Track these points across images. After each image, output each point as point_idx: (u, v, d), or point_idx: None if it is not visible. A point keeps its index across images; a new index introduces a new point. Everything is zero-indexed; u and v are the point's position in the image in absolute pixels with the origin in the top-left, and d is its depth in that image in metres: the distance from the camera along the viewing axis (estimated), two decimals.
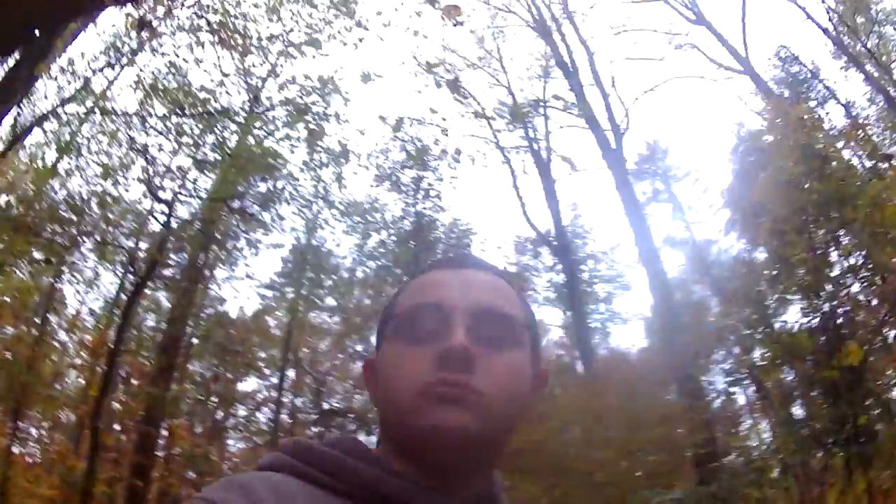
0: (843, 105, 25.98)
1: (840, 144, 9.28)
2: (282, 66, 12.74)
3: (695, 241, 31.47)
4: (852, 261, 10.31)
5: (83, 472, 13.31)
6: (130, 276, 17.03)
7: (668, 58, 28.13)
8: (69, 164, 14.12)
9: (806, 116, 10.51)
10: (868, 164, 8.92)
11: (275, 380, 26.49)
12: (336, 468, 1.12)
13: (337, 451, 1.16)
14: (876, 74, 22.94)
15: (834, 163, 8.86)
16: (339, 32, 11.84)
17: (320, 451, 1.16)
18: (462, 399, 1.10)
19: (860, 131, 9.16)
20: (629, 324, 36.64)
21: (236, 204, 14.45)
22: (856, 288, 9.94)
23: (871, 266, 8.97)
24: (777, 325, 10.75)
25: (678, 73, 38.57)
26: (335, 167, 12.95)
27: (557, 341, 32.23)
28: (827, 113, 26.96)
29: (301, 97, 11.41)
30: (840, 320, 9.06)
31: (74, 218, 13.44)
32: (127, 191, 14.06)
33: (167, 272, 16.09)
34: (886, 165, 8.49)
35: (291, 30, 12.45)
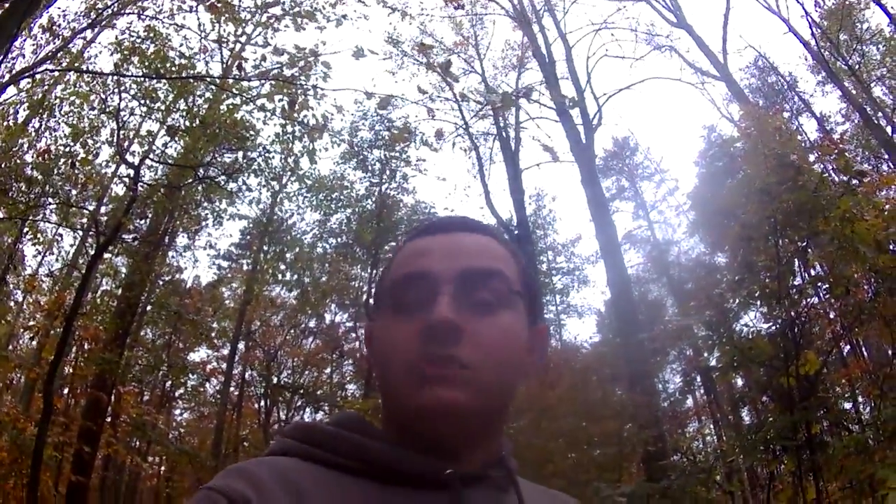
0: (816, 118, 26.33)
1: (813, 157, 9.42)
2: (264, 36, 12.61)
3: (656, 240, 31.83)
4: (816, 272, 10.51)
5: (34, 436, 13.20)
6: (90, 240, 16.88)
7: (645, 58, 28.27)
8: (40, 123, 13.96)
9: (782, 126, 10.64)
10: (841, 178, 9.03)
11: (225, 351, 26.42)
12: (339, 445, 1.13)
13: (338, 428, 1.16)
14: (854, 91, 23.22)
15: (807, 175, 8.97)
16: (323, 7, 11.75)
17: (322, 430, 1.17)
18: (449, 377, 1.08)
19: (834, 146, 9.23)
20: (584, 318, 37.04)
21: (203, 172, 14.30)
22: (816, 300, 10.11)
23: (833, 279, 9.11)
24: (736, 329, 10.89)
25: (655, 74, 38.87)
26: (308, 141, 12.85)
27: None
28: (800, 125, 27.37)
29: (281, 68, 11.28)
30: (798, 329, 9.17)
31: (41, 177, 13.28)
32: (96, 156, 13.92)
33: (128, 237, 15.88)
34: (857, 182, 8.60)
35: (275, 1, 12.31)
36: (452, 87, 20.54)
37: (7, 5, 5.42)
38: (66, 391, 18.43)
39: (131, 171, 12.72)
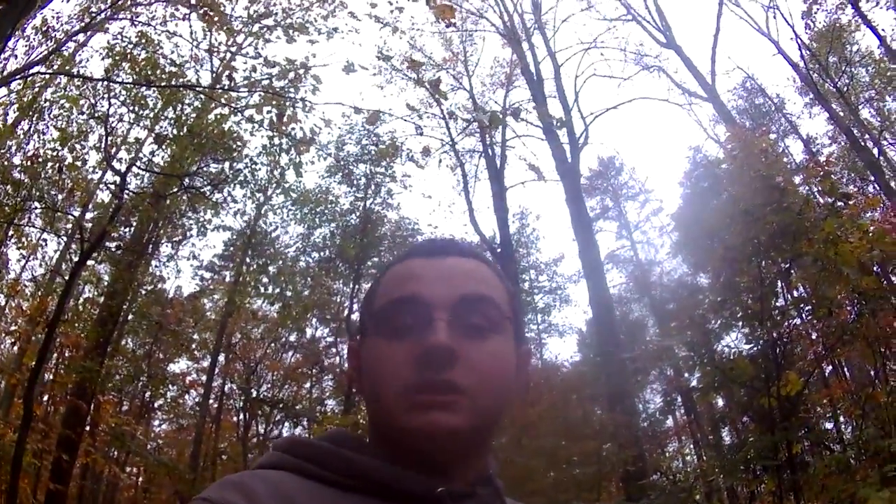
0: (802, 140, 26.51)
1: (799, 179, 9.47)
2: (255, 46, 12.61)
3: (639, 261, 31.92)
4: (798, 294, 10.58)
5: (13, 442, 13.07)
6: (73, 246, 16.78)
7: (634, 78, 28.45)
8: (29, 126, 13.90)
9: (768, 148, 10.72)
10: (826, 200, 9.11)
11: (205, 363, 26.28)
12: (332, 461, 1.13)
13: (332, 444, 1.17)
14: (842, 113, 23.40)
15: (792, 197, 9.05)
16: (314, 20, 11.79)
17: (315, 445, 1.18)
18: (446, 402, 1.10)
19: (820, 168, 9.32)
20: (565, 337, 37.04)
21: (189, 181, 14.26)
22: (798, 321, 10.18)
23: (815, 300, 9.17)
24: (717, 350, 10.95)
25: (643, 94, 39.07)
26: (295, 154, 12.85)
27: None
28: (786, 147, 27.54)
29: (271, 79, 11.28)
30: (780, 350, 9.23)
31: (27, 181, 13.21)
32: (84, 162, 13.88)
33: (112, 245, 15.81)
34: (843, 204, 8.68)
35: (267, 13, 12.34)
36: (441, 104, 20.63)
37: (2, 7, 5.41)
38: (45, 398, 18.27)
39: (117, 178, 12.68)
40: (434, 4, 8.73)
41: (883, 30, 22.09)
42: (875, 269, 8.89)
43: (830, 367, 14.31)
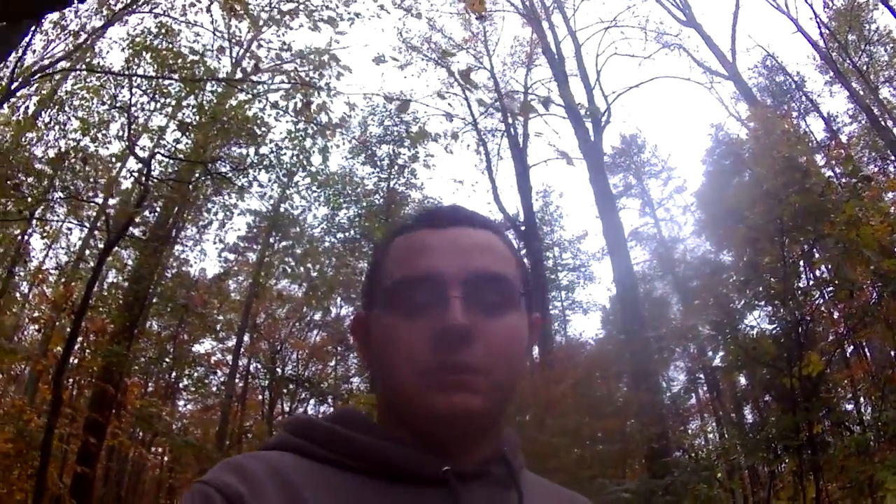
0: (823, 119, 26.32)
1: (821, 159, 9.47)
2: (279, 35, 12.63)
3: (662, 238, 31.78)
4: (821, 274, 10.58)
5: (40, 428, 13.28)
6: (96, 233, 16.95)
7: (654, 56, 28.25)
8: (50, 118, 14.04)
9: (790, 129, 10.71)
10: (847, 181, 9.09)
11: (230, 343, 26.48)
12: (335, 441, 1.14)
13: (335, 424, 1.17)
14: (862, 92, 23.22)
15: (814, 178, 9.04)
16: (336, 6, 11.82)
17: (319, 425, 1.18)
18: (462, 382, 1.09)
19: (842, 150, 9.32)
20: (589, 314, 37.00)
21: (214, 167, 14.38)
22: (821, 301, 10.19)
23: (837, 282, 9.18)
24: (741, 329, 10.96)
25: (664, 72, 38.78)
26: (321, 140, 12.93)
27: None
28: (807, 125, 27.34)
29: (296, 68, 11.36)
30: (802, 330, 9.24)
31: (50, 171, 13.36)
32: (107, 149, 14.00)
33: (137, 231, 15.97)
34: (863, 186, 8.68)
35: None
36: (468, 94, 20.66)
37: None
38: (70, 382, 18.52)
39: (141, 166, 12.81)
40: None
41: None
42: None
43: (852, 348, 14.29)
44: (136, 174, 14.07)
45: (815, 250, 9.39)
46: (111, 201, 16.29)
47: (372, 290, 1.26)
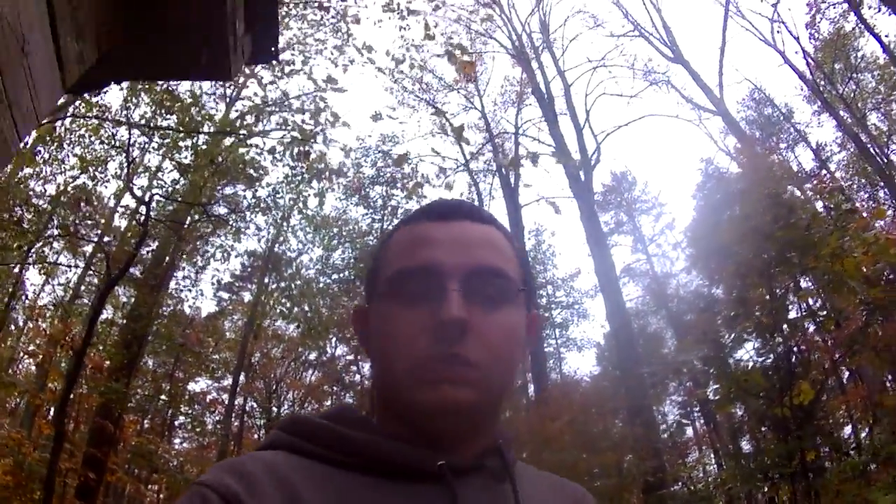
0: (812, 149, 26.61)
1: (810, 188, 9.68)
2: (274, 78, 12.88)
3: (654, 273, 31.92)
4: (811, 305, 10.77)
5: (37, 460, 13.38)
6: (93, 268, 17.10)
7: (643, 94, 28.63)
8: (49, 155, 14.22)
9: (776, 163, 10.98)
10: (833, 214, 9.33)
11: (226, 382, 26.56)
12: (329, 439, 1.14)
13: (330, 421, 1.18)
14: (849, 121, 23.51)
15: (800, 212, 9.26)
16: (331, 53, 12.07)
17: (312, 423, 1.19)
18: (457, 376, 1.10)
19: (825, 185, 9.58)
20: (583, 351, 37.00)
21: (211, 208, 14.57)
22: (812, 329, 10.37)
23: (825, 312, 9.38)
24: (732, 363, 11.12)
25: (653, 109, 39.15)
26: (318, 185, 13.14)
27: None
28: (796, 156, 27.59)
29: (293, 116, 11.60)
30: (795, 360, 9.44)
31: (48, 207, 13.53)
32: (105, 187, 14.20)
33: (134, 269, 16.14)
34: (848, 219, 8.92)
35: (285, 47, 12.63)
36: (464, 147, 20.92)
37: None
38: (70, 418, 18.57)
39: (138, 205, 12.99)
40: (456, 62, 9.03)
41: (886, 35, 22.20)
42: (889, 275, 9.09)
43: (848, 374, 14.43)
44: (135, 215, 14.25)
45: (802, 282, 9.59)
46: (106, 238, 16.50)
47: (373, 281, 1.28)
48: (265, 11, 2.77)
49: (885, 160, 22.27)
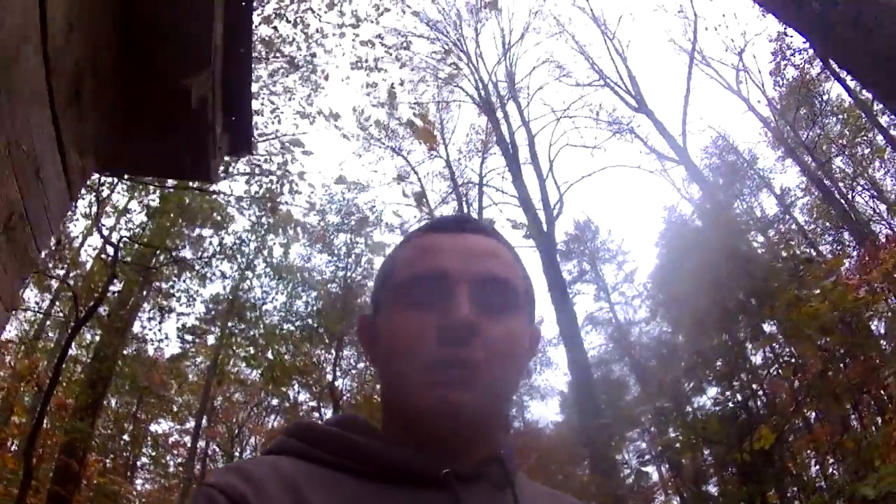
0: (775, 195, 26.88)
1: (763, 249, 9.88)
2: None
3: (618, 321, 32.04)
4: (771, 351, 10.97)
5: (13, 498, 13.20)
6: (58, 303, 16.99)
7: (606, 144, 28.93)
8: None
9: (735, 215, 11.25)
10: (790, 264, 9.56)
11: (189, 425, 26.33)
12: (336, 444, 1.15)
13: (337, 427, 1.19)
14: (813, 166, 23.78)
15: (757, 263, 9.48)
16: (300, 105, 12.24)
17: (318, 428, 1.20)
18: (460, 378, 1.10)
19: (782, 238, 9.85)
20: (546, 400, 36.82)
21: (178, 252, 14.61)
22: (775, 373, 10.53)
23: (788, 356, 9.57)
24: (692, 410, 11.26)
25: (616, 158, 39.49)
26: (282, 235, 13.25)
27: None
28: (759, 202, 27.79)
29: (259, 168, 11.76)
30: (756, 404, 9.60)
31: None
32: (74, 225, 14.19)
33: (100, 310, 16.11)
34: (804, 268, 9.17)
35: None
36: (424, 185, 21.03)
37: None
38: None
39: (104, 245, 12.98)
40: (416, 130, 9.29)
41: (850, 80, 22.43)
42: (849, 320, 9.29)
43: (814, 414, 14.61)
44: (102, 254, 14.24)
45: (766, 328, 9.79)
46: (72, 274, 16.44)
47: (381, 289, 1.30)
48: (241, 106, 3.01)
49: (849, 204, 22.59)
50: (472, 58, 28.34)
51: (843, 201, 22.56)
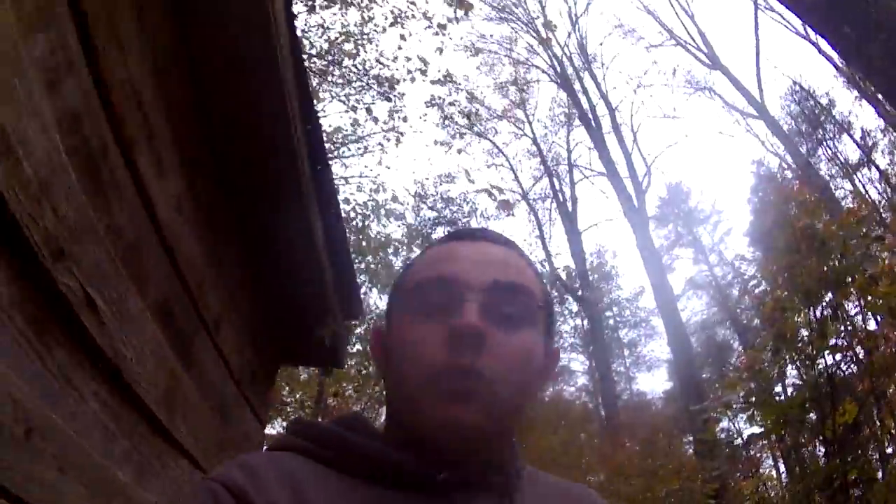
0: (854, 141, 26.11)
1: (838, 227, 9.85)
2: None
3: (718, 283, 31.54)
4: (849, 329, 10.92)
5: None
6: None
7: (686, 103, 28.42)
8: None
9: (806, 200, 11.25)
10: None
11: None
12: (337, 443, 1.14)
13: (339, 427, 1.18)
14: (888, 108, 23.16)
15: (833, 245, 9.46)
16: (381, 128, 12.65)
17: (320, 427, 1.19)
18: (470, 394, 1.07)
19: (854, 216, 9.80)
20: (653, 371, 36.54)
21: None
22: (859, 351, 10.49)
23: (860, 337, 9.57)
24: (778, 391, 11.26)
25: (697, 119, 38.50)
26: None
27: (581, 387, 32.46)
28: (838, 150, 27.04)
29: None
30: (839, 380, 9.56)
31: None
32: None
33: None
34: (878, 247, 9.15)
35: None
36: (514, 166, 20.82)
37: None
38: None
39: None
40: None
41: None
42: None
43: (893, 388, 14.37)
44: None
45: (838, 312, 9.80)
46: None
47: (393, 296, 1.28)
48: (350, 291, 3.92)
49: None
50: (542, 32, 28.25)
51: None
